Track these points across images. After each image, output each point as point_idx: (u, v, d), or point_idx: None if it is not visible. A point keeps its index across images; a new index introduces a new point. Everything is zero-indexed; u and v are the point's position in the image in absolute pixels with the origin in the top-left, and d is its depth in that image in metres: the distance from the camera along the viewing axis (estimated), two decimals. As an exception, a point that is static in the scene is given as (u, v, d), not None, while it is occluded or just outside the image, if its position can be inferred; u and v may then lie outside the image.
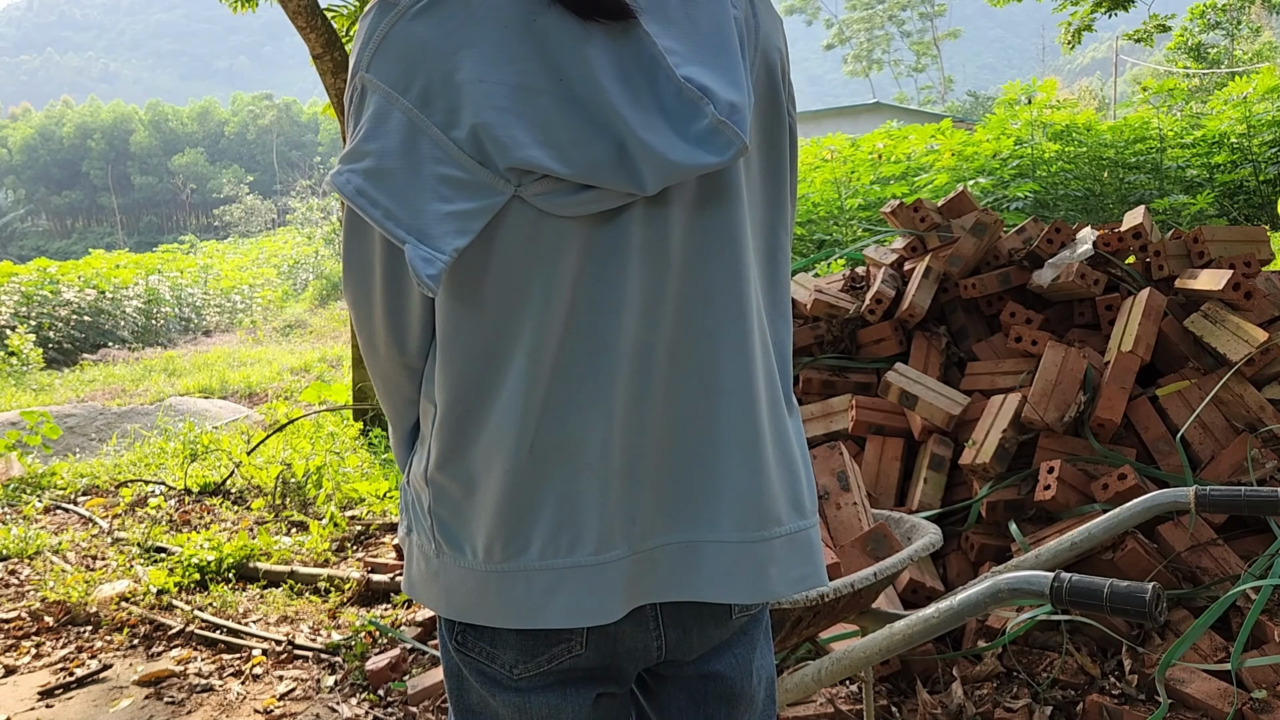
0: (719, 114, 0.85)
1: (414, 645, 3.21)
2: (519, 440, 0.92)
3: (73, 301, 14.89)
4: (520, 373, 0.92)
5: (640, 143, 0.85)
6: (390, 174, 0.86)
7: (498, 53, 0.85)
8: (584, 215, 0.89)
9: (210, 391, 10.06)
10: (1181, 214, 9.91)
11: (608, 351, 0.93)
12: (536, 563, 0.94)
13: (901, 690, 2.52)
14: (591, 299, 0.92)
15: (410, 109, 0.85)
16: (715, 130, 0.86)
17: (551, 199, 0.87)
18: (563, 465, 0.93)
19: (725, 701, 1.09)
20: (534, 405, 0.92)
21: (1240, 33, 23.51)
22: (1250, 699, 2.20)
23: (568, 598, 0.94)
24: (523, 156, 0.83)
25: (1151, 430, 2.84)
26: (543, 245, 0.90)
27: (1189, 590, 2.49)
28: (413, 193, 0.86)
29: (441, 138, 0.85)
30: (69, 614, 3.74)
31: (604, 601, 0.95)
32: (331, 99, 6.17)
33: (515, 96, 0.84)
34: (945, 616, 1.40)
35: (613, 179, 0.86)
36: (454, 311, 0.93)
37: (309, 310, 19.36)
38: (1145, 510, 1.81)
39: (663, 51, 0.86)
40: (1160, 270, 3.21)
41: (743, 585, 0.98)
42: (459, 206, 0.85)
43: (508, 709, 1.02)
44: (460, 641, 1.02)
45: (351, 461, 5.37)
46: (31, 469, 6.08)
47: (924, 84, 75.78)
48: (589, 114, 0.85)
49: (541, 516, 0.94)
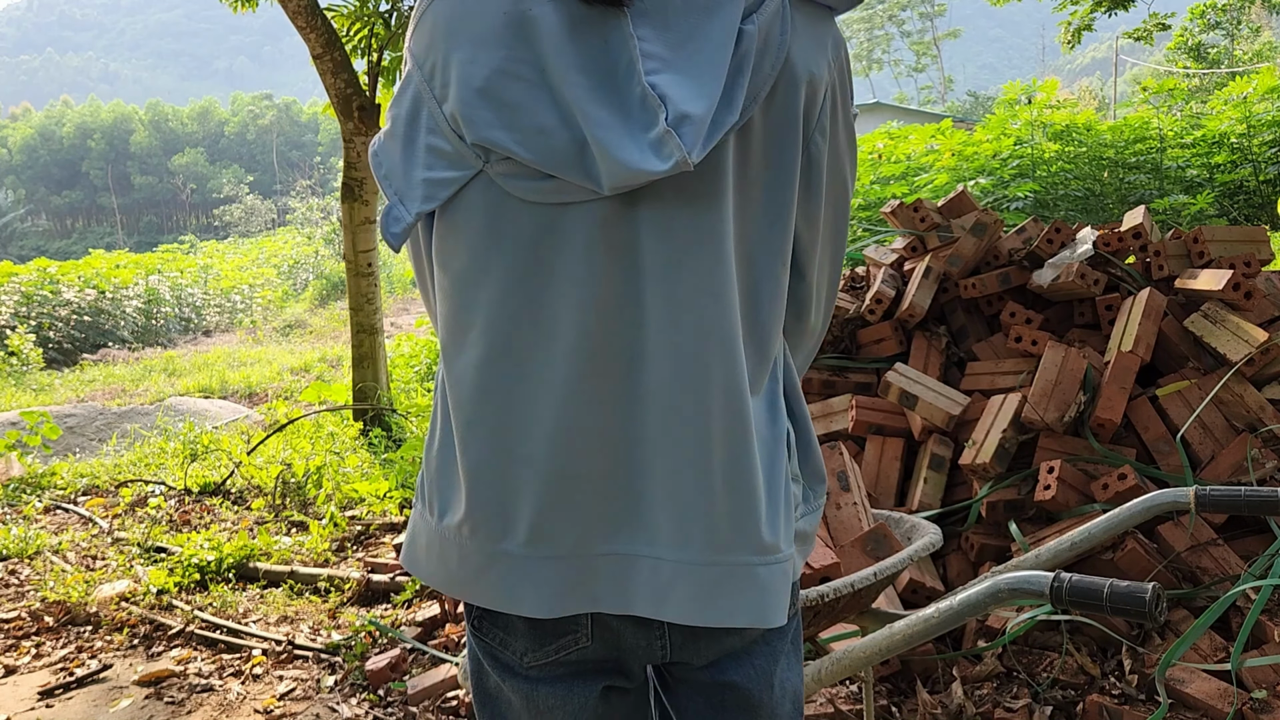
0: (667, 123, 0.85)
1: (414, 645, 3.21)
2: (467, 416, 0.96)
3: (73, 301, 14.89)
4: (474, 351, 0.95)
5: (596, 141, 0.86)
6: (396, 138, 0.96)
7: (491, 37, 0.89)
8: (549, 204, 0.91)
9: (210, 391, 10.06)
10: (1181, 214, 9.91)
11: (559, 347, 0.93)
12: (468, 540, 0.98)
13: (901, 690, 2.52)
14: (547, 291, 0.93)
15: (421, 81, 0.93)
16: (661, 141, 0.85)
17: (514, 181, 0.91)
18: (500, 450, 0.95)
19: (743, 712, 1.06)
20: (482, 385, 0.95)
21: (1240, 33, 23.51)
22: (1250, 699, 2.20)
23: (496, 582, 0.96)
24: (487, 135, 0.89)
25: (1151, 430, 2.84)
26: (505, 226, 0.93)
27: (1189, 590, 2.49)
28: (406, 158, 0.95)
29: (436, 110, 0.92)
30: (69, 614, 3.74)
31: (533, 595, 0.96)
32: (332, 99, 6.16)
33: (494, 79, 0.89)
34: (945, 616, 1.40)
35: (571, 172, 0.88)
36: (437, 280, 1.00)
37: (309, 310, 19.35)
38: (1145, 510, 1.81)
39: (640, 55, 0.87)
40: (1160, 270, 3.21)
41: (680, 605, 0.95)
42: (435, 175, 0.93)
43: (518, 696, 1.04)
44: (476, 626, 1.04)
45: (351, 461, 5.36)
46: (31, 469, 6.08)
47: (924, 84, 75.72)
48: (559, 107, 0.88)
49: (477, 496, 0.96)
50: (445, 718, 2.78)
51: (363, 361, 6.48)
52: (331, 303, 19.74)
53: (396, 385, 7.54)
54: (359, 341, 6.48)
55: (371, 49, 6.33)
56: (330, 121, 53.20)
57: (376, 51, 6.31)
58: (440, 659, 3.09)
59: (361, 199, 6.27)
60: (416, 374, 8.59)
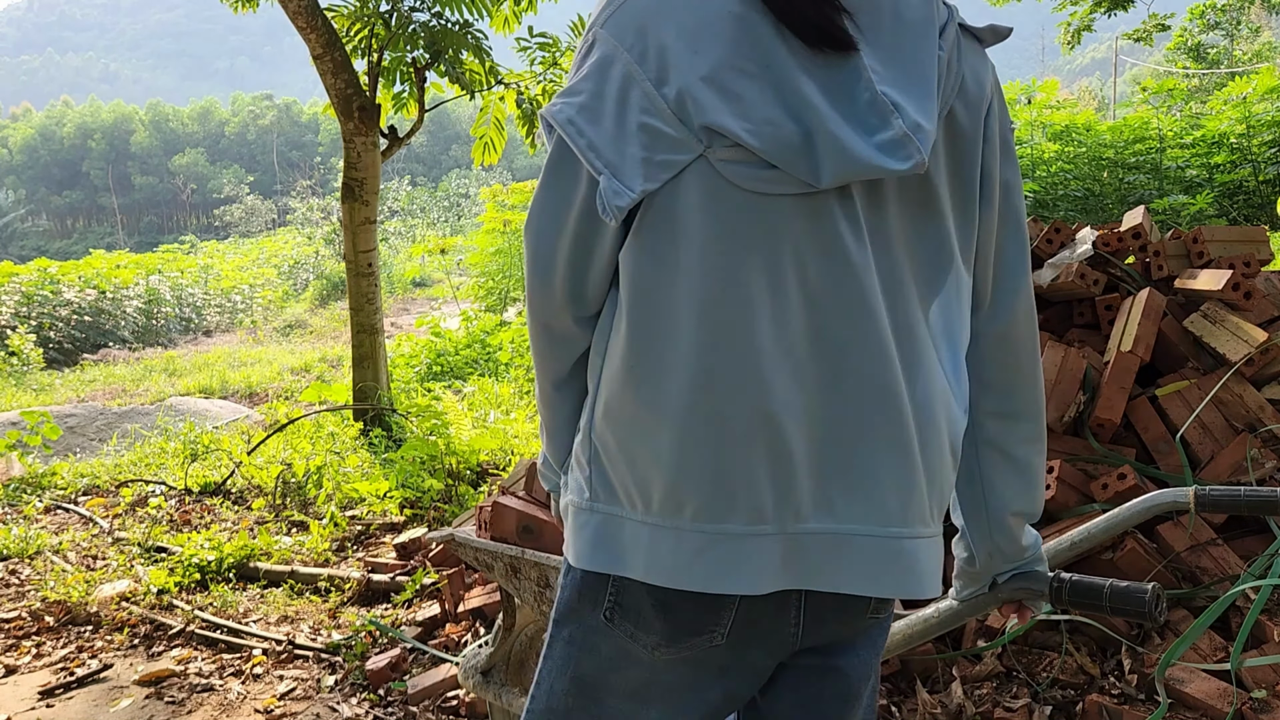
0: (905, 127, 0.93)
1: (414, 645, 3.21)
2: (688, 401, 0.97)
3: (73, 301, 14.90)
4: (690, 337, 0.97)
5: (828, 134, 0.92)
6: (600, 114, 0.96)
7: (711, 28, 0.94)
8: (764, 194, 0.95)
9: (210, 391, 10.07)
10: (1181, 214, 9.92)
11: (773, 332, 0.97)
12: (689, 524, 0.98)
13: (901, 690, 2.52)
14: (763, 277, 0.96)
15: (630, 63, 0.95)
16: (900, 141, 0.93)
17: (735, 168, 0.94)
18: (724, 432, 0.97)
19: (841, 701, 1.12)
20: (706, 369, 0.96)
21: (1240, 33, 23.50)
22: (1250, 699, 2.20)
23: (714, 563, 0.97)
24: (717, 120, 0.92)
25: (1151, 430, 2.84)
26: (723, 213, 0.95)
27: (1189, 590, 2.49)
28: (616, 134, 0.95)
29: (652, 91, 0.94)
30: (69, 614, 3.74)
31: (751, 573, 0.98)
32: (332, 99, 6.16)
33: (720, 70, 0.93)
34: (945, 617, 1.40)
35: (794, 163, 0.93)
36: (641, 265, 0.98)
37: (309, 310, 19.36)
38: (1145, 510, 1.81)
39: (865, 65, 0.94)
40: (1160, 270, 3.21)
41: (889, 580, 1.01)
42: (653, 155, 0.95)
43: (627, 683, 1.06)
44: (610, 616, 1.04)
45: (351, 461, 5.36)
46: (32, 469, 6.08)
47: (924, 84, 75.66)
48: (786, 101, 0.93)
49: (700, 479, 0.97)
50: (445, 717, 2.78)
51: (363, 361, 6.48)
52: (332, 303, 19.74)
53: (397, 385, 7.55)
54: (359, 341, 6.48)
55: (372, 49, 6.33)
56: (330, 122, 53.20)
57: (376, 52, 6.31)
58: (440, 659, 3.09)
59: (362, 199, 6.26)
60: (417, 374, 8.59)
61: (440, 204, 34.93)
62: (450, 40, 6.24)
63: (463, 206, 34.88)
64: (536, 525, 1.83)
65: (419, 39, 6.28)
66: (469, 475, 5.11)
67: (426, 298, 20.47)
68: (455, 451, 5.16)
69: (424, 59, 6.41)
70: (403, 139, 6.57)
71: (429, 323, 10.14)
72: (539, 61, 6.75)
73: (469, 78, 6.53)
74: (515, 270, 12.16)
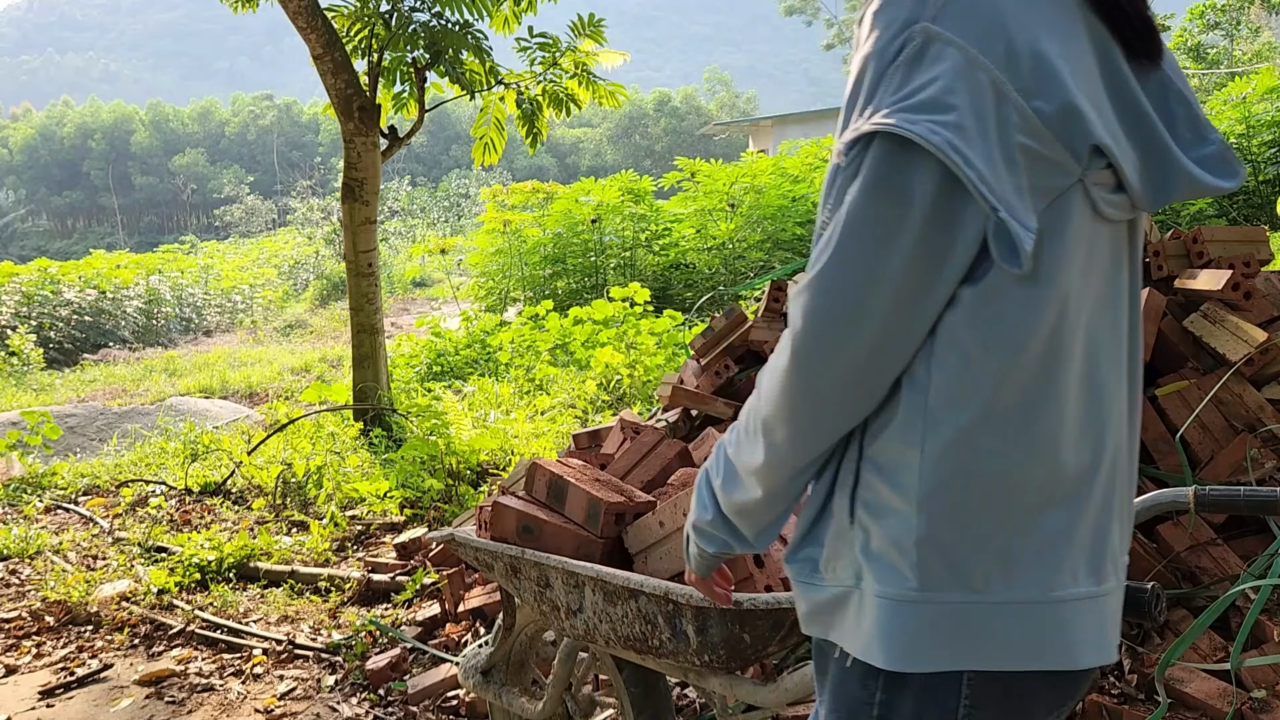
0: (1222, 142, 0.86)
1: (414, 645, 3.21)
2: (1058, 452, 0.85)
3: (73, 301, 14.90)
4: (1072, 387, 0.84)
5: (1164, 151, 0.83)
6: (974, 136, 0.78)
7: (1068, 34, 0.82)
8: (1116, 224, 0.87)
9: (210, 391, 10.07)
10: (1181, 214, 9.92)
11: (1110, 370, 0.89)
12: (1068, 591, 0.86)
13: (901, 690, 2.52)
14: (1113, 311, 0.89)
15: (995, 73, 0.79)
16: (1223, 157, 0.85)
17: (1103, 192, 0.84)
18: (1087, 484, 0.87)
19: None
20: (1073, 416, 0.85)
21: (1240, 33, 23.51)
22: (1250, 698, 2.20)
23: (1089, 631, 0.87)
24: (1103, 138, 0.80)
25: (1151, 430, 2.84)
26: (1094, 242, 0.85)
27: (1189, 590, 2.49)
28: (1007, 162, 0.79)
29: (1023, 106, 0.79)
30: (69, 614, 3.74)
31: (1108, 636, 0.89)
32: (332, 99, 6.17)
33: (1090, 82, 0.82)
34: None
35: (1137, 185, 0.84)
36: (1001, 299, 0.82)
37: (309, 310, 19.36)
38: (1145, 510, 1.81)
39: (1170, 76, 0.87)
40: (1160, 270, 3.21)
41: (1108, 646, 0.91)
42: (1038, 182, 0.81)
43: None
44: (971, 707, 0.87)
45: (352, 461, 5.36)
46: (32, 469, 6.08)
47: (924, 84, 75.72)
48: (1127, 114, 0.84)
49: (1071, 542, 0.86)
50: (445, 717, 2.78)
51: (363, 361, 6.48)
52: (332, 303, 19.74)
53: (397, 385, 7.55)
54: (359, 341, 6.49)
55: (372, 49, 6.33)
56: (331, 122, 53.18)
57: (377, 52, 6.31)
58: (440, 658, 3.09)
59: (362, 199, 6.27)
60: (417, 374, 8.59)
61: (440, 204, 34.92)
62: (450, 40, 6.24)
63: (463, 206, 34.87)
64: (536, 525, 1.83)
65: (419, 39, 6.28)
66: (469, 475, 5.11)
67: (426, 298, 20.47)
68: (455, 451, 5.16)
69: (424, 59, 6.42)
70: (403, 139, 6.57)
71: (429, 323, 10.14)
72: (539, 61, 6.75)
73: (469, 78, 6.53)
74: (515, 270, 12.15)
